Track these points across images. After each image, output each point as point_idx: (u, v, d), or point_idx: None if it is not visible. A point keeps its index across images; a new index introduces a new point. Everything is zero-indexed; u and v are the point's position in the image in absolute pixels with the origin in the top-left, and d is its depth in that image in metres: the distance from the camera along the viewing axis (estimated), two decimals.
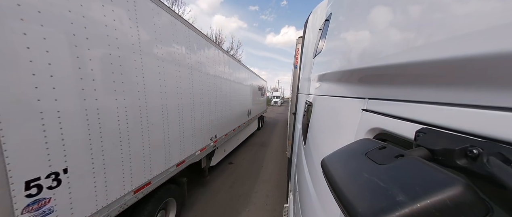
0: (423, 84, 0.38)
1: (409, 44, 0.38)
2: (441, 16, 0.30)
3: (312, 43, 2.07)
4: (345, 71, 0.76)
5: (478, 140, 0.24)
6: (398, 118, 0.43)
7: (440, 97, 0.34)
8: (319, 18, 2.04)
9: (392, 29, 0.45)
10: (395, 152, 0.30)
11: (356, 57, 0.65)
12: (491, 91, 0.25)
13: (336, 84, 0.94)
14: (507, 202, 0.21)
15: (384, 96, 0.52)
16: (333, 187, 0.31)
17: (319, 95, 1.31)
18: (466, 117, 0.28)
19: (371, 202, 0.23)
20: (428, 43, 0.32)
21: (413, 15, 0.37)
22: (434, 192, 0.20)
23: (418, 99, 0.39)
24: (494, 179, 0.19)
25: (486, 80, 0.25)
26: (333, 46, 1.04)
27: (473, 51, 0.24)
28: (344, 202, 0.26)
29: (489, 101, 0.25)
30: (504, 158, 0.20)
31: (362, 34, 0.65)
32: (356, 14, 0.74)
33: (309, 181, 1.09)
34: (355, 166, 0.32)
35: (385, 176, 0.26)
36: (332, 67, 0.95)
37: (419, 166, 0.24)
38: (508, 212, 0.22)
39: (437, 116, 0.33)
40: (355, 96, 0.70)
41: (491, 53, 0.22)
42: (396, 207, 0.21)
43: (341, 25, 0.95)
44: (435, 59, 0.30)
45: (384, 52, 0.46)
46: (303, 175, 1.30)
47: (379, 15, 0.53)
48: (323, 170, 0.37)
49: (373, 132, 0.51)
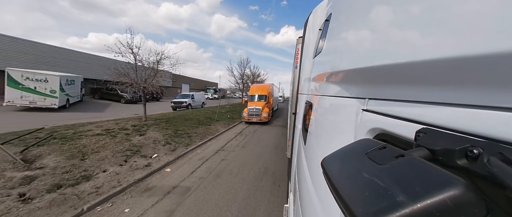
0: (423, 84, 0.38)
1: (409, 44, 0.37)
2: (441, 16, 0.30)
3: (312, 43, 2.08)
4: (345, 71, 0.76)
5: (478, 140, 0.24)
6: (398, 118, 0.43)
7: (440, 97, 0.34)
8: (319, 18, 2.05)
9: (392, 29, 0.45)
10: (395, 152, 0.30)
11: (356, 57, 0.65)
12: (491, 91, 0.25)
13: (336, 84, 0.94)
14: (508, 202, 0.21)
15: (385, 97, 0.52)
16: (334, 187, 0.31)
17: (319, 95, 1.32)
18: (466, 117, 0.28)
19: (372, 202, 0.23)
20: (428, 43, 0.32)
21: (413, 15, 0.37)
22: (435, 192, 0.20)
23: (418, 99, 0.39)
24: (495, 179, 0.19)
25: (486, 80, 0.25)
26: (333, 46, 1.04)
27: (473, 51, 0.24)
28: (345, 202, 0.26)
29: (489, 101, 0.25)
30: (504, 158, 0.20)
31: (362, 34, 0.65)
32: (356, 14, 0.75)
33: (309, 181, 1.09)
34: (355, 166, 0.32)
35: (385, 176, 0.26)
36: (332, 67, 0.95)
37: (419, 166, 0.24)
38: (509, 213, 0.21)
39: (437, 116, 0.33)
40: (355, 96, 0.70)
41: (491, 53, 0.22)
42: (396, 207, 0.21)
43: (341, 25, 0.95)
44: (435, 59, 0.30)
45: (384, 52, 0.46)
46: (303, 175, 1.31)
47: (379, 15, 0.53)
48: (323, 170, 0.37)
49: (373, 132, 0.51)
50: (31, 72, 12.65)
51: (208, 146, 8.14)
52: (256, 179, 5.15)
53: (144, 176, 5.00)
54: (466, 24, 0.26)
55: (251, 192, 4.47)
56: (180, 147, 7.32)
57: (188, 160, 6.50)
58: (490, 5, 0.23)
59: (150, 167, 5.52)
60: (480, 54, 0.23)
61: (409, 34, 0.38)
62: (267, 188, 4.68)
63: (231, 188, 4.61)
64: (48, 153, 5.18)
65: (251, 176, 5.28)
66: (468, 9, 0.26)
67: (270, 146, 8.33)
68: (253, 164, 6.17)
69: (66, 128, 7.35)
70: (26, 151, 5.05)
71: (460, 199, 0.19)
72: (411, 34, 0.37)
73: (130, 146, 6.47)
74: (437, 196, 0.19)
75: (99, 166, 5.08)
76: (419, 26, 0.35)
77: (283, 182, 4.90)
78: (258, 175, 5.36)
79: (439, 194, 0.19)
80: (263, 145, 8.48)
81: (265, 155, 7.07)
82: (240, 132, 11.07)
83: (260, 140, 9.35)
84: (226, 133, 10.80)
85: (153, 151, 6.55)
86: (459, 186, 0.19)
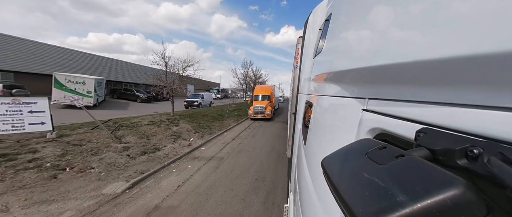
0: (423, 84, 0.38)
1: (409, 44, 0.37)
2: (441, 16, 0.30)
3: (312, 43, 2.08)
4: (345, 71, 0.75)
5: (478, 140, 0.24)
6: (399, 118, 0.42)
7: (441, 97, 0.33)
8: (319, 18, 2.05)
9: (392, 29, 0.45)
10: (395, 152, 0.29)
11: (357, 57, 0.65)
12: (491, 91, 0.25)
13: (336, 84, 0.93)
14: (508, 202, 0.21)
15: (385, 96, 0.51)
16: (334, 187, 0.31)
17: (319, 95, 1.31)
18: (466, 117, 0.28)
19: (372, 202, 0.23)
20: (428, 43, 0.32)
21: (413, 14, 0.37)
22: (435, 192, 0.19)
23: (418, 99, 0.39)
24: (495, 179, 0.19)
25: (486, 80, 0.25)
26: (333, 46, 1.04)
27: (473, 51, 0.24)
28: (345, 202, 0.26)
29: (490, 101, 0.25)
30: (504, 158, 0.20)
31: (362, 34, 0.65)
32: (356, 14, 0.74)
33: (309, 181, 1.08)
34: (355, 166, 0.32)
35: (386, 176, 0.25)
36: (332, 67, 0.95)
37: (419, 166, 0.24)
38: (509, 213, 0.21)
39: (437, 116, 0.33)
40: (355, 96, 0.69)
41: (491, 53, 0.22)
42: (396, 207, 0.20)
43: (341, 25, 0.95)
44: (435, 59, 0.30)
45: (384, 52, 0.46)
46: (303, 175, 1.30)
47: (379, 15, 0.52)
48: (323, 170, 0.37)
49: (374, 132, 0.51)
50: (72, 75, 15.12)
51: (225, 135, 10.64)
52: (266, 153, 7.70)
53: (189, 151, 7.44)
54: (464, 24, 0.26)
55: (263, 160, 7.00)
56: (206, 135, 9.84)
57: (214, 143, 8.94)
58: (490, 5, 0.23)
59: (191, 146, 7.97)
60: (480, 54, 0.23)
61: (409, 34, 0.38)
62: (274, 158, 7.21)
63: (250, 158, 7.11)
64: (126, 134, 7.65)
65: (262, 152, 7.80)
66: (467, 9, 0.26)
67: (274, 135, 10.93)
68: (262, 146, 8.68)
69: (122, 120, 9.78)
70: (112, 133, 7.49)
71: (461, 199, 0.19)
72: (411, 34, 0.37)
73: (173, 132, 8.97)
74: (438, 196, 0.19)
75: (160, 143, 7.57)
76: (419, 26, 0.35)
77: (284, 156, 7.12)
78: (267, 152, 7.89)
79: (440, 194, 0.19)
80: (268, 135, 11.00)
81: (270, 141, 9.66)
82: (248, 126, 13.69)
83: (265, 131, 11.87)
84: (237, 126, 13.26)
85: (188, 136, 9.10)
86: (459, 186, 0.19)
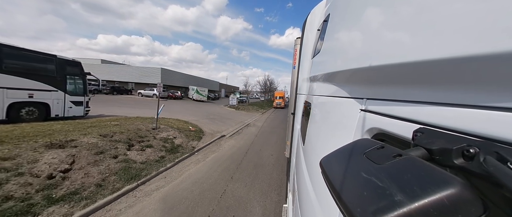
0: (421, 85, 0.38)
1: (407, 45, 0.38)
2: (439, 17, 0.30)
3: (311, 43, 2.07)
4: (344, 71, 0.75)
5: (475, 139, 0.25)
6: (396, 118, 0.43)
7: (438, 97, 0.34)
8: (317, 19, 2.05)
9: (390, 30, 0.45)
10: (393, 151, 0.30)
11: (354, 58, 0.65)
12: (487, 92, 0.26)
13: (335, 85, 0.93)
14: (504, 201, 0.21)
15: (383, 97, 0.52)
16: (332, 187, 0.31)
17: (318, 95, 1.31)
18: (463, 117, 0.28)
19: (370, 201, 0.23)
20: (426, 43, 0.32)
21: (411, 15, 0.37)
22: (432, 191, 0.20)
23: (416, 99, 0.39)
24: (491, 178, 0.20)
25: (482, 81, 0.26)
26: (332, 46, 1.04)
27: (471, 51, 0.25)
28: (343, 202, 0.26)
29: (486, 102, 0.26)
30: (500, 157, 0.20)
31: (360, 34, 0.65)
32: (354, 15, 0.75)
33: (308, 181, 1.07)
34: (353, 166, 0.32)
35: (384, 176, 0.26)
36: (331, 68, 0.94)
37: (417, 166, 0.24)
38: (505, 211, 0.22)
39: (434, 116, 0.33)
40: (354, 96, 0.69)
41: (488, 54, 0.22)
42: (394, 206, 0.21)
43: (339, 26, 0.95)
44: (433, 59, 0.31)
45: (382, 52, 0.46)
46: (302, 175, 1.30)
47: (377, 16, 0.53)
48: (322, 170, 0.37)
49: (372, 132, 0.51)
50: (199, 87, 32.61)
51: (266, 114, 21.93)
52: (280, 122, 15.54)
53: (261, 114, 20.83)
54: (463, 24, 0.26)
55: (279, 122, 15.49)
56: (260, 110, 24.48)
57: (267, 113, 22.55)
58: (489, 6, 0.23)
59: (262, 114, 20.78)
60: (477, 54, 0.24)
61: (407, 35, 0.38)
62: (282, 120, 16.16)
63: (275, 121, 16.19)
64: (241, 108, 24.55)
65: (279, 120, 17.09)
66: (466, 10, 0.26)
67: (284, 114, 21.03)
68: (281, 120, 16.75)
69: (226, 104, 26.37)
70: None
71: (457, 198, 0.19)
72: (407, 35, 0.38)
73: (255, 109, 25.15)
74: (435, 195, 0.19)
75: (252, 113, 21.48)
76: (414, 27, 0.35)
77: (285, 120, 10.79)
78: (281, 121, 16.01)
79: (437, 193, 0.19)
80: (283, 115, 20.60)
81: (284, 115, 18.75)
82: (273, 111, 26.66)
83: (281, 112, 25.02)
84: (268, 112, 25.17)
85: (263, 109, 25.89)
86: (456, 185, 0.19)
